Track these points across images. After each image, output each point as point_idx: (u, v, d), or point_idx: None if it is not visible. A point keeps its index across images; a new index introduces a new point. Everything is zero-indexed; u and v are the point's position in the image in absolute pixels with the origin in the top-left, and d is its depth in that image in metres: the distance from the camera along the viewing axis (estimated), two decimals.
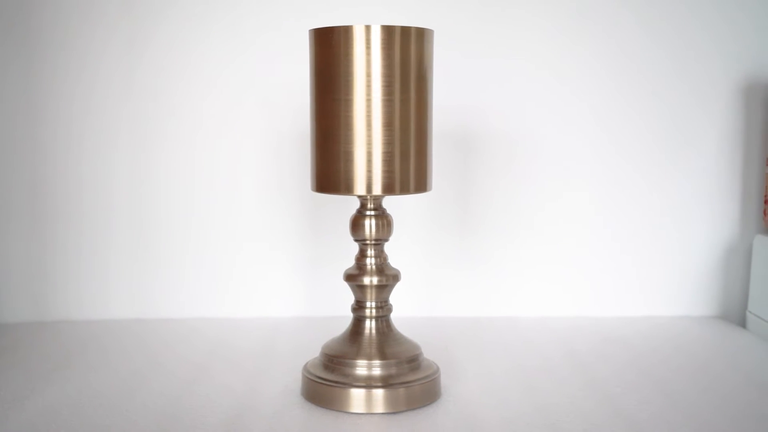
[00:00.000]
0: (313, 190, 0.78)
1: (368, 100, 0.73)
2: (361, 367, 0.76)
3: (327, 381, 0.76)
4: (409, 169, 0.75)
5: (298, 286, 1.08)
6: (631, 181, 1.07)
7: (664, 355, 0.95)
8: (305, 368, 0.81)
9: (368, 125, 0.74)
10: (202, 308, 1.06)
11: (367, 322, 0.78)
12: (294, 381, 0.84)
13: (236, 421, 0.74)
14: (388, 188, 0.73)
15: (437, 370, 0.80)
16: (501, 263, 1.08)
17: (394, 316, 0.82)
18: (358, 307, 0.79)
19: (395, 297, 0.85)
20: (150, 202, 1.05)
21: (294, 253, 1.07)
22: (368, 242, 0.77)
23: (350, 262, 0.83)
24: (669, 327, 1.05)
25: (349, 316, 0.81)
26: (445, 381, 0.83)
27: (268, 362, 0.91)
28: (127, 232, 1.06)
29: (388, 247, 0.82)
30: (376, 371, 0.76)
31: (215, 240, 1.06)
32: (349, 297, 0.82)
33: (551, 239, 1.08)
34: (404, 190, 0.75)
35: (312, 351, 0.89)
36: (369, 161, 0.74)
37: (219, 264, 1.07)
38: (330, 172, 0.75)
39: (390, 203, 0.94)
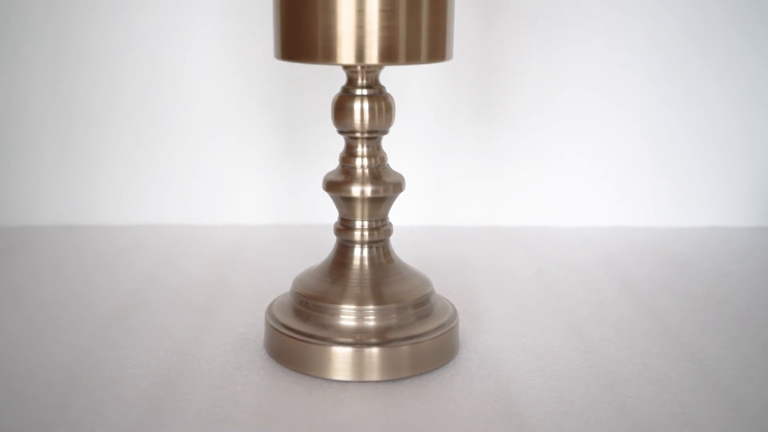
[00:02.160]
0: (277, 57, 0.54)
1: None
2: (348, 314, 0.56)
3: (299, 334, 0.56)
4: (419, 25, 0.52)
5: (268, 186, 0.91)
6: (693, 67, 0.90)
7: (738, 277, 0.76)
8: (269, 311, 0.60)
9: None
10: (151, 213, 0.91)
11: (357, 251, 0.58)
12: (256, 325, 0.63)
13: (163, 394, 0.53)
14: (389, 54, 0.51)
15: (455, 316, 0.59)
16: (532, 160, 0.92)
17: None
18: (344, 227, 0.58)
19: (396, 208, 0.65)
20: (84, 86, 0.88)
21: (261, 147, 0.90)
22: (358, 135, 0.57)
23: (333, 162, 0.61)
24: (739, 239, 0.88)
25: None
26: (464, 326, 0.63)
27: (222, 292, 0.71)
28: (56, 122, 0.89)
29: (386, 142, 0.62)
30: (370, 321, 0.56)
31: (164, 130, 0.89)
32: (332, 206, 0.62)
33: (594, 132, 0.91)
34: (413, 57, 0.52)
35: (283, 278, 0.68)
36: (360, 12, 0.50)
37: (168, 159, 0.90)
38: (301, 30, 0.52)
39: (390, 78, 0.75)
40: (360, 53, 0.51)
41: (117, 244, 0.83)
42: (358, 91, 0.55)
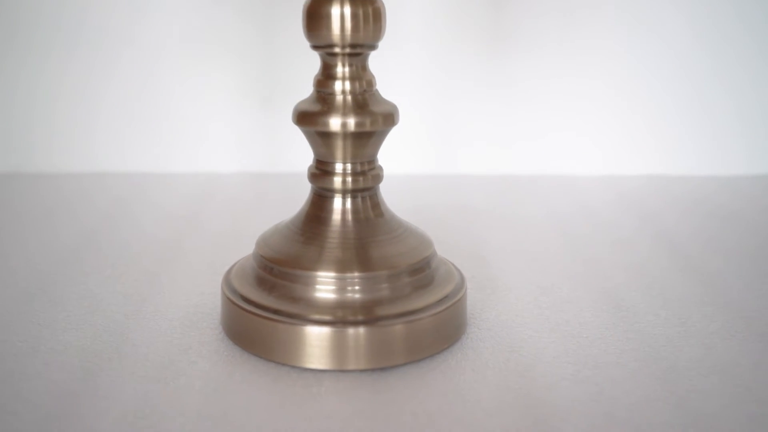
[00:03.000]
0: None
1: None
2: (326, 284, 0.45)
3: (263, 309, 0.45)
4: None
5: (238, 126, 0.83)
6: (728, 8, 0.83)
7: None
8: (227, 279, 0.49)
9: None
10: (109, 159, 0.83)
11: (337, 202, 0.48)
12: (214, 294, 0.53)
13: (79, 390, 0.41)
14: None
15: (462, 285, 0.49)
16: (551, 94, 0.84)
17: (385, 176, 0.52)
18: (321, 172, 0.48)
19: (386, 149, 0.56)
20: (44, 28, 0.81)
21: (229, 78, 0.82)
22: (338, 51, 0.46)
23: (307, 88, 0.50)
24: None
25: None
26: (473, 296, 0.53)
27: (177, 252, 0.61)
28: (14, 64, 0.82)
29: (374, 61, 0.53)
30: (354, 293, 0.45)
31: (125, 68, 0.82)
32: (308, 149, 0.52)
33: (622, 67, 0.84)
34: None
35: (253, 236, 0.56)
36: None
37: (130, 98, 0.82)
38: None
39: None
40: None
41: (63, 193, 0.74)
42: None
